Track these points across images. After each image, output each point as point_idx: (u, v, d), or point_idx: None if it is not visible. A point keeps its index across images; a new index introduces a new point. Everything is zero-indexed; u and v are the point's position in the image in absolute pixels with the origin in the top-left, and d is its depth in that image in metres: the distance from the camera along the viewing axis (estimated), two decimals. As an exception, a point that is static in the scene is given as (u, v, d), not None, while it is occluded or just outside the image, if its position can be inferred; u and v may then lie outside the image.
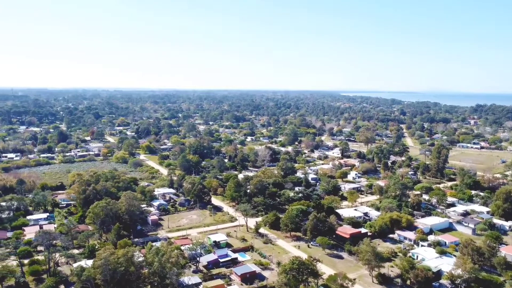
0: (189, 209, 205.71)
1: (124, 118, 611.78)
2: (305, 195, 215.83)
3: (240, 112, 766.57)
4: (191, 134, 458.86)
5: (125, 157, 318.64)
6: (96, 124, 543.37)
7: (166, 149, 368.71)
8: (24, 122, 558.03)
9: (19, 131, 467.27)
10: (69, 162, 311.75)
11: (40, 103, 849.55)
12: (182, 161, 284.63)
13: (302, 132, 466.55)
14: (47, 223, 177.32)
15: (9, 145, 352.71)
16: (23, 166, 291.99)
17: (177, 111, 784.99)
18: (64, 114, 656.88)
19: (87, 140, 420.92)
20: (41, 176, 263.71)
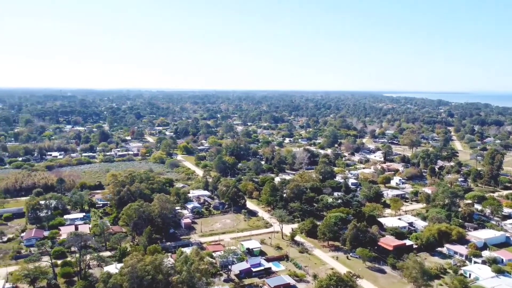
0: (223, 212, 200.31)
1: (164, 118, 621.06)
2: (344, 201, 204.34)
3: (279, 113, 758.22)
4: (229, 135, 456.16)
5: (162, 158, 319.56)
6: (137, 124, 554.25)
7: (203, 150, 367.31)
8: (70, 121, 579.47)
9: (65, 130, 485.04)
10: (109, 161, 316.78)
11: (86, 103, 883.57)
12: (218, 163, 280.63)
13: (342, 134, 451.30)
14: (83, 223, 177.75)
15: (54, 144, 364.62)
16: (65, 165, 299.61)
17: (216, 111, 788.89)
18: (108, 114, 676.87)
19: (127, 139, 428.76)
20: (81, 175, 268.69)
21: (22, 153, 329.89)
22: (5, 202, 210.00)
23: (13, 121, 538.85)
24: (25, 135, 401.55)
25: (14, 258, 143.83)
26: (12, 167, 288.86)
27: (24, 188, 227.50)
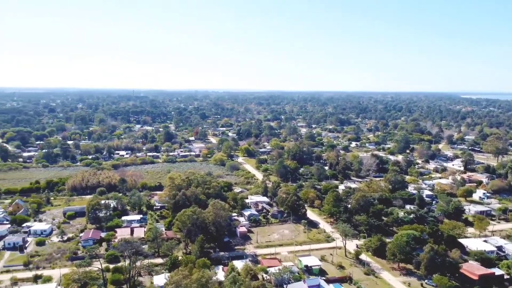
0: (281, 222, 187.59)
1: (227, 119, 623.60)
2: (418, 216, 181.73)
3: (345, 115, 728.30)
4: (292, 137, 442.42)
5: (223, 160, 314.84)
6: (201, 124, 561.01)
7: (265, 153, 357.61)
8: (140, 121, 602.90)
9: (134, 130, 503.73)
10: (171, 162, 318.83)
11: (156, 103, 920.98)
12: (279, 167, 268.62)
13: (415, 139, 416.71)
14: (139, 226, 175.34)
15: (122, 143, 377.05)
16: (130, 164, 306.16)
17: (280, 112, 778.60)
18: (175, 114, 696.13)
19: (190, 140, 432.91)
20: (144, 174, 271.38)
21: (93, 151, 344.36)
22: (71, 200, 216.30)
23: (89, 120, 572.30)
24: (97, 134, 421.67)
25: (70, 259, 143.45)
26: (82, 165, 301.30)
27: (89, 187, 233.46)
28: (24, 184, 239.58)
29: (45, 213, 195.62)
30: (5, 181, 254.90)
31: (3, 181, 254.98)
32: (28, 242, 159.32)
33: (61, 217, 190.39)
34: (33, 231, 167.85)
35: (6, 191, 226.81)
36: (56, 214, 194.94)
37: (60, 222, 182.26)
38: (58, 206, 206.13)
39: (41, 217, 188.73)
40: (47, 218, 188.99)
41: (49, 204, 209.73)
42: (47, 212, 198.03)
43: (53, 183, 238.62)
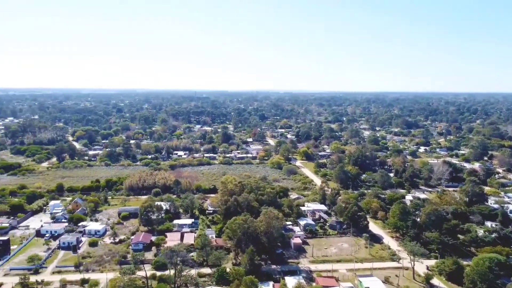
0: (340, 234, 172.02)
1: (287, 120, 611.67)
2: (501, 236, 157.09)
3: (413, 117, 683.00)
4: (354, 140, 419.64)
5: (280, 163, 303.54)
6: (260, 125, 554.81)
7: (324, 156, 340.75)
8: (200, 121, 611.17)
9: (194, 130, 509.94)
10: (228, 163, 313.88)
11: (217, 104, 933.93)
12: (339, 172, 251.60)
13: (494, 145, 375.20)
14: (189, 231, 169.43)
15: (181, 143, 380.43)
16: (187, 165, 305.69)
17: (342, 114, 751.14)
18: (234, 114, 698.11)
19: (248, 141, 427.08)
20: (199, 176, 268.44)
21: (152, 151, 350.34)
22: (127, 200, 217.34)
23: (152, 120, 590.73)
24: (158, 134, 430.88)
25: (119, 263, 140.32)
26: (142, 164, 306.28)
27: (145, 187, 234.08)
28: (85, 182, 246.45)
29: (102, 213, 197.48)
30: (70, 178, 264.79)
31: (68, 178, 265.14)
32: (82, 242, 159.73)
33: (116, 217, 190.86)
34: (88, 231, 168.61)
35: (69, 188, 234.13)
36: (111, 214, 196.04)
37: (114, 222, 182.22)
38: (115, 206, 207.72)
39: (97, 217, 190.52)
40: (102, 218, 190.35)
41: (106, 203, 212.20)
42: (104, 211, 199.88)
43: (112, 182, 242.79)
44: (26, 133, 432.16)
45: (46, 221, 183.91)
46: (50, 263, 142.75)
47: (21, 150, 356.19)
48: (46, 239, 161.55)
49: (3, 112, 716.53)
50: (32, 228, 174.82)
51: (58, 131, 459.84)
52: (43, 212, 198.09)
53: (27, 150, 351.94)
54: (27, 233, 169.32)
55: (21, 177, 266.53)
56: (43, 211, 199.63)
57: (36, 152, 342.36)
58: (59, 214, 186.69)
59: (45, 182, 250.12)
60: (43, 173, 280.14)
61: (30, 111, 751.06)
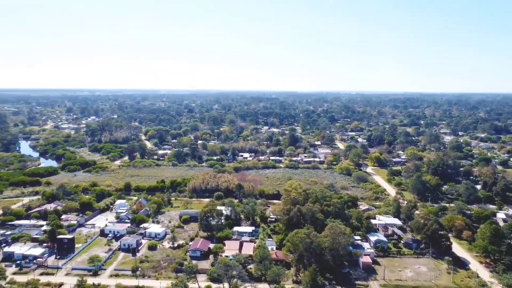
0: (417, 254, 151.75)
1: (358, 123, 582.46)
2: None
3: (503, 121, 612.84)
4: (433, 146, 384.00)
5: (349, 169, 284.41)
6: (329, 128, 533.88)
7: (399, 163, 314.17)
8: (268, 122, 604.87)
9: (261, 131, 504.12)
10: (293, 167, 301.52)
11: (285, 105, 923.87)
12: (416, 182, 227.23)
13: None
14: (249, 240, 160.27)
15: (247, 145, 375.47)
16: (252, 167, 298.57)
17: (419, 117, 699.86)
18: (302, 116, 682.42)
19: (316, 144, 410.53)
20: (263, 180, 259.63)
21: (218, 152, 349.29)
22: (189, 202, 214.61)
23: (220, 120, 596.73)
24: (224, 135, 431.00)
25: (175, 271, 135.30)
26: (207, 165, 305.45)
27: (208, 189, 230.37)
28: (152, 182, 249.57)
29: (164, 214, 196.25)
30: (138, 177, 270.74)
31: (136, 177, 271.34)
32: (142, 245, 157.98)
33: (177, 220, 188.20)
34: (148, 234, 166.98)
35: (136, 188, 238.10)
36: (173, 216, 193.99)
37: (174, 226, 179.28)
38: (177, 208, 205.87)
39: (159, 218, 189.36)
40: (164, 220, 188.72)
41: (169, 205, 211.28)
42: (166, 213, 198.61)
43: (176, 183, 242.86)
44: (104, 131, 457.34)
45: (111, 220, 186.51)
46: (110, 265, 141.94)
47: (98, 148, 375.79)
48: (109, 239, 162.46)
49: (87, 111, 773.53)
50: (98, 227, 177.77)
51: (132, 130, 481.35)
52: (109, 211, 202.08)
53: (103, 148, 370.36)
54: (92, 232, 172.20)
55: (94, 174, 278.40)
56: (109, 209, 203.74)
57: (111, 150, 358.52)
58: (123, 214, 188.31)
59: (115, 181, 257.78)
60: (114, 171, 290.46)
61: (110, 110, 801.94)
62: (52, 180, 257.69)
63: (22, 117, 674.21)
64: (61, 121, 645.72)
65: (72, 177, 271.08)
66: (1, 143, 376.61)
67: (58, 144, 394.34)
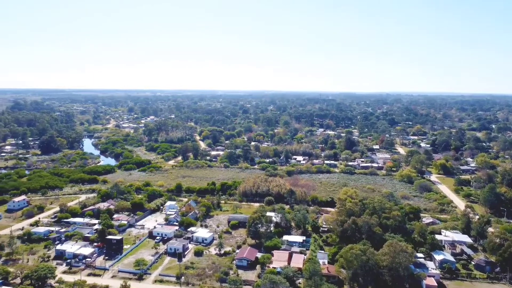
0: (491, 279, 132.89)
1: (420, 126, 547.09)
2: None
3: None
4: (508, 153, 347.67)
5: (411, 176, 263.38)
6: (388, 131, 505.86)
7: (468, 172, 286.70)
8: (323, 125, 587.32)
9: (315, 134, 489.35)
10: (349, 173, 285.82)
11: (342, 107, 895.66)
12: (489, 195, 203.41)
13: None
14: (299, 251, 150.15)
15: (301, 147, 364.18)
16: (305, 171, 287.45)
17: (490, 121, 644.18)
18: (360, 118, 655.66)
19: (374, 149, 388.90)
20: (317, 185, 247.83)
21: (271, 154, 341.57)
22: (239, 206, 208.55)
23: (275, 122, 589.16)
24: (278, 137, 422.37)
25: (219, 280, 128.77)
26: (259, 168, 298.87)
27: (259, 193, 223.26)
28: (203, 184, 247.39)
29: (212, 218, 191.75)
30: (190, 178, 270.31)
31: (188, 178, 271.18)
32: (188, 250, 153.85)
33: (225, 225, 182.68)
34: (195, 238, 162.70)
35: (187, 189, 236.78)
36: (221, 220, 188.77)
37: (222, 231, 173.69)
38: (226, 212, 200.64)
39: (207, 222, 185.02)
40: (212, 224, 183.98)
41: (219, 208, 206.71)
42: (215, 217, 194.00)
43: (227, 185, 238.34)
44: (160, 131, 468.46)
45: (160, 222, 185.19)
46: (155, 269, 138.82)
47: (154, 147, 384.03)
48: (156, 242, 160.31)
49: (147, 111, 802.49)
50: (147, 228, 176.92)
51: (187, 130, 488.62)
52: (159, 212, 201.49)
53: (158, 147, 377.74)
54: (141, 233, 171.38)
55: (148, 174, 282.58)
56: (160, 211, 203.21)
57: (166, 150, 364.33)
58: (172, 216, 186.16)
59: (167, 181, 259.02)
60: (167, 171, 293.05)
61: (168, 110, 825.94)
62: (109, 178, 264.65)
63: (88, 116, 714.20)
64: (122, 120, 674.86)
65: (128, 175, 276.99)
66: (66, 141, 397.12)
67: (118, 143, 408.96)
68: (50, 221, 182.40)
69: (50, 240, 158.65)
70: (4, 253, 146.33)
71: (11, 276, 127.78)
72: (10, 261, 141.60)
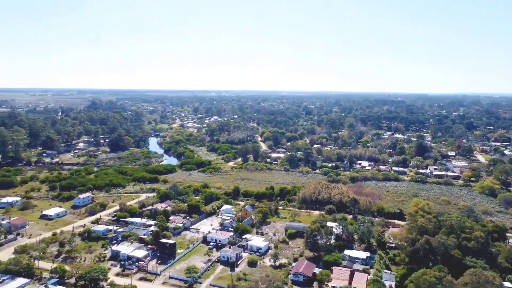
0: None
1: (503, 132, 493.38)
2: None
3: None
4: None
5: (494, 188, 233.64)
6: (466, 136, 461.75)
7: None
8: (391, 128, 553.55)
9: (383, 137, 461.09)
10: (420, 181, 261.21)
11: (412, 109, 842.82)
12: None
13: None
14: (362, 269, 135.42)
15: (366, 152, 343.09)
16: (370, 178, 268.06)
17: None
18: (433, 122, 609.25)
19: (449, 155, 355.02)
20: (383, 194, 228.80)
21: (334, 158, 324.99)
22: (298, 213, 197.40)
23: (339, 124, 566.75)
24: (342, 140, 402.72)
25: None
26: (321, 173, 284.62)
27: (319, 201, 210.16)
28: (261, 188, 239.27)
29: (269, 225, 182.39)
30: (249, 181, 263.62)
31: (247, 181, 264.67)
32: (241, 259, 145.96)
33: (282, 233, 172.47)
34: (250, 247, 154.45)
35: (244, 193, 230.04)
36: (278, 228, 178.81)
37: (278, 240, 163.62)
38: (284, 220, 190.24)
39: (263, 229, 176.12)
40: (268, 232, 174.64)
41: (276, 214, 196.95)
42: (271, 224, 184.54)
43: (286, 190, 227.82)
44: (222, 131, 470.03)
45: (215, 226, 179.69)
46: (206, 278, 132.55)
47: (215, 147, 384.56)
48: (210, 248, 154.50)
49: (211, 111, 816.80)
50: (201, 232, 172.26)
51: (249, 131, 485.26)
52: (215, 216, 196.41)
53: (219, 148, 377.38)
54: (195, 237, 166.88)
55: (207, 175, 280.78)
56: (216, 214, 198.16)
57: (226, 150, 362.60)
58: (228, 222, 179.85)
59: (226, 183, 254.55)
60: (227, 172, 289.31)
61: (231, 111, 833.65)
62: (170, 178, 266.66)
63: (156, 116, 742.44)
64: (187, 120, 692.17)
65: (188, 176, 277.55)
66: (133, 140, 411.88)
67: (181, 142, 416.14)
68: (110, 220, 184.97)
69: (108, 239, 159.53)
70: (64, 250, 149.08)
71: (67, 275, 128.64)
72: (69, 259, 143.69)
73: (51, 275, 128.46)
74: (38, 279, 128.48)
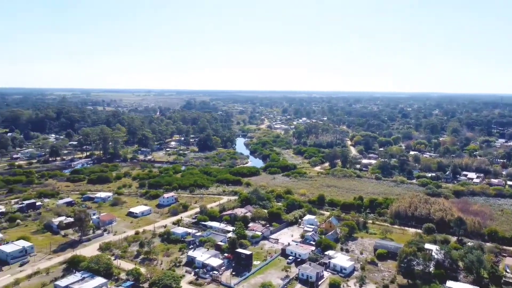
0: None
1: None
2: None
3: None
4: None
5: None
6: None
7: None
8: (505, 134, 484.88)
9: (494, 145, 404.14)
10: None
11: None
12: None
13: None
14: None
15: (474, 162, 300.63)
16: (479, 193, 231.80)
17: None
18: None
19: None
20: (496, 214, 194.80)
21: (434, 168, 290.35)
22: (389, 230, 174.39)
23: (440, 128, 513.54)
24: (444, 147, 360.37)
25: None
26: (418, 184, 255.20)
27: (416, 217, 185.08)
28: (348, 197, 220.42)
29: (356, 241, 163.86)
30: (335, 189, 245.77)
31: (333, 188, 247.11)
32: (323, 280, 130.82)
33: (370, 252, 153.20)
34: (332, 265, 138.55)
35: (330, 201, 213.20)
36: (366, 246, 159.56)
37: (366, 260, 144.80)
38: (373, 236, 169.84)
39: (349, 246, 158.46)
40: (355, 249, 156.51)
41: (365, 229, 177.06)
42: (358, 240, 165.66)
43: (376, 202, 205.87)
44: (310, 134, 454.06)
45: (296, 238, 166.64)
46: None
47: (301, 151, 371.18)
48: (288, 263, 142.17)
49: (300, 113, 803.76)
50: (281, 243, 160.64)
51: (338, 134, 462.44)
52: (297, 226, 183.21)
53: (306, 151, 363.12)
54: (274, 248, 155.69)
55: (292, 180, 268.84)
56: (297, 224, 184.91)
57: (313, 154, 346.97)
58: (309, 234, 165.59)
59: (310, 190, 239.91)
60: (312, 178, 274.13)
61: (321, 112, 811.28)
62: (253, 180, 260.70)
63: (245, 116, 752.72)
64: (275, 121, 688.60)
65: (271, 179, 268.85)
66: (221, 140, 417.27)
67: (267, 144, 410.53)
68: (190, 222, 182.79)
69: (185, 243, 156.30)
70: (143, 250, 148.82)
71: (142, 278, 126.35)
72: (147, 260, 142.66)
73: (127, 277, 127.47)
74: (115, 280, 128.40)
